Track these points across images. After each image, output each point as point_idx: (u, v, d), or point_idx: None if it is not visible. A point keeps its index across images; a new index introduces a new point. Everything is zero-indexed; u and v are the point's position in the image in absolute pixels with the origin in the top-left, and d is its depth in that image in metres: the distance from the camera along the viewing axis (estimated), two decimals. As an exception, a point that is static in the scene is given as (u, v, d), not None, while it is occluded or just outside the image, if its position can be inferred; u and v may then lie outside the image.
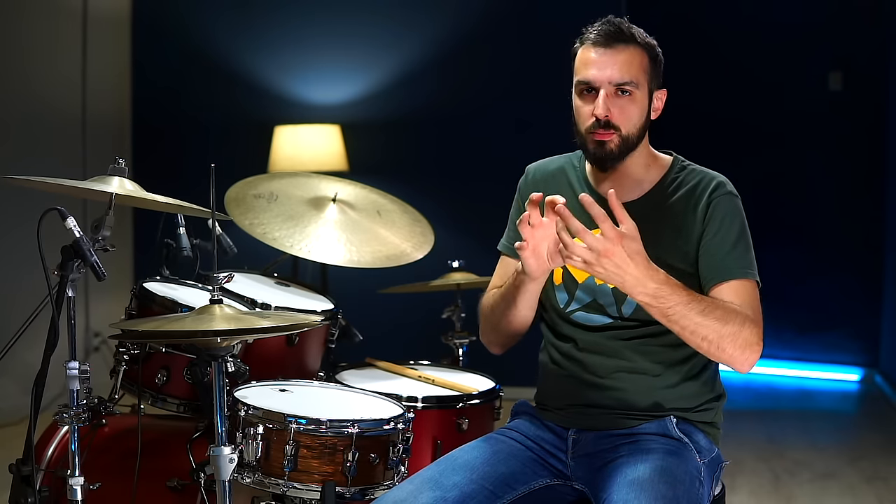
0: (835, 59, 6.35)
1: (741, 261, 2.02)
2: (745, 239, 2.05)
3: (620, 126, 2.02)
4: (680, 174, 2.12)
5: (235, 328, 1.89)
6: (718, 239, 2.03)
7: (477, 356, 2.96)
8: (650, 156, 2.13)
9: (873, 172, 6.29)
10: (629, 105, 2.03)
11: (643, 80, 2.04)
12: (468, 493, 1.93)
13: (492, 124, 5.46)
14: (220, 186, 2.16)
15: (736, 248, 2.03)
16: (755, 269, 2.04)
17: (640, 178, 2.11)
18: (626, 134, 2.03)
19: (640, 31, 2.06)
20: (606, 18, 2.06)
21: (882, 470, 4.36)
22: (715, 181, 2.09)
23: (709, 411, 2.11)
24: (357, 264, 2.77)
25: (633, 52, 2.03)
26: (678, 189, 2.10)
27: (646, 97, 2.05)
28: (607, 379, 2.08)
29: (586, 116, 2.04)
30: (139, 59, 5.78)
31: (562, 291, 2.14)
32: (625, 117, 2.02)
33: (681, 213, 2.07)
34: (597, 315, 2.10)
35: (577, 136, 2.08)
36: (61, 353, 2.01)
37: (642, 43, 2.05)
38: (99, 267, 1.98)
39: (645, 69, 2.04)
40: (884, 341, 6.20)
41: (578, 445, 2.08)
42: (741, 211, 2.08)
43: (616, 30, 2.03)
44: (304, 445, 2.08)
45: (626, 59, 2.02)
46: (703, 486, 1.97)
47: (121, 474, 2.26)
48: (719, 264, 2.01)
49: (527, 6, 5.50)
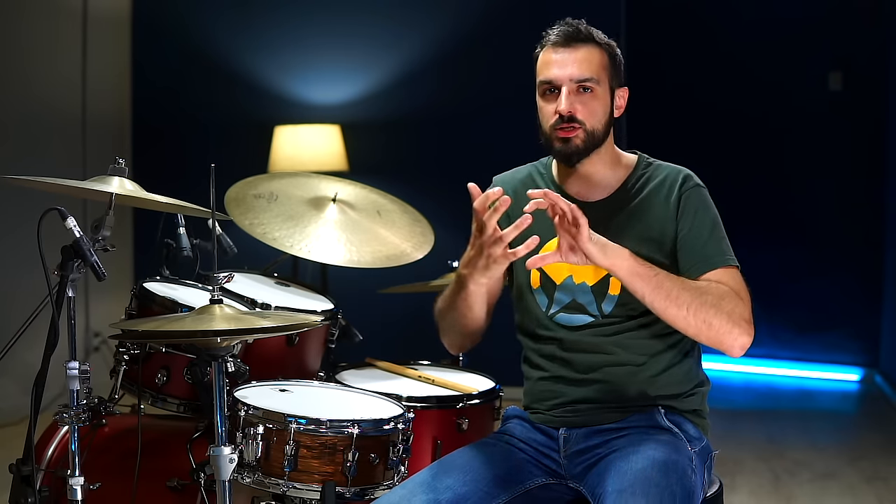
0: (835, 59, 6.35)
1: (719, 249, 2.06)
2: (718, 228, 2.09)
3: (585, 121, 2.06)
4: (646, 171, 2.16)
5: (235, 328, 1.89)
6: (695, 232, 2.07)
7: (477, 356, 2.95)
8: (615, 155, 2.17)
9: (873, 172, 6.29)
10: (591, 101, 2.07)
11: (603, 76, 2.09)
12: (462, 494, 1.94)
13: (492, 124, 5.45)
14: (220, 186, 2.16)
15: (712, 238, 2.07)
16: (733, 254, 2.07)
17: (607, 178, 2.15)
18: (591, 129, 2.07)
19: (598, 32, 2.11)
20: (565, 21, 2.12)
21: (882, 470, 4.36)
22: (682, 175, 2.13)
23: (694, 397, 2.13)
24: (357, 264, 2.77)
25: (591, 50, 2.08)
26: (646, 185, 2.13)
27: (607, 94, 2.10)
28: (592, 374, 2.10)
29: (550, 115, 2.08)
30: (139, 59, 5.78)
31: (541, 294, 2.16)
32: (588, 112, 2.06)
33: (650, 207, 2.10)
34: (578, 315, 2.12)
35: (541, 136, 2.12)
36: (61, 353, 2.01)
37: (601, 42, 2.10)
38: (99, 267, 1.98)
39: (605, 66, 2.09)
40: (884, 341, 6.20)
41: (570, 444, 2.09)
42: (710, 201, 2.12)
43: (574, 30, 2.09)
44: (304, 445, 2.08)
45: (586, 57, 2.07)
46: (696, 475, 1.98)
47: (121, 474, 2.26)
48: (699, 256, 2.05)
49: (527, 6, 5.49)
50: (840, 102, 6.35)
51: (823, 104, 6.39)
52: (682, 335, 2.09)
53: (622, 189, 2.14)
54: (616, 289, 2.08)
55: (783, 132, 6.50)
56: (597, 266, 1.99)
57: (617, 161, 2.16)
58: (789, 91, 6.45)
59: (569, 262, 1.97)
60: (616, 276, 1.98)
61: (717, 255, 2.05)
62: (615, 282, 2.08)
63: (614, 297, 2.09)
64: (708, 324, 1.96)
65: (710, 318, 1.95)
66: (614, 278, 2.06)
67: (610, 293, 2.09)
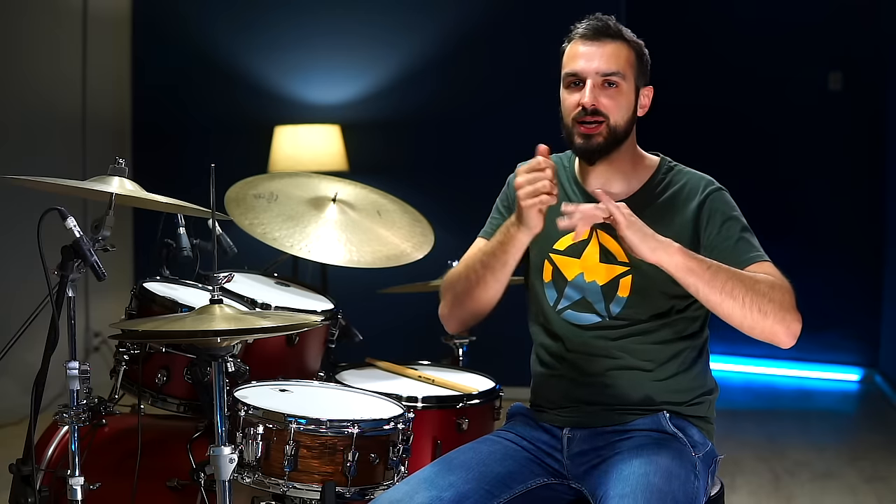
0: (835, 59, 6.35)
1: (750, 246, 2.05)
2: (747, 228, 2.08)
3: (609, 114, 2.04)
4: (668, 174, 2.14)
5: (235, 328, 1.90)
6: (724, 233, 2.05)
7: (477, 356, 2.96)
8: (637, 155, 2.15)
9: (873, 172, 6.29)
10: (616, 95, 2.05)
11: (629, 73, 2.07)
12: (464, 492, 1.94)
13: (492, 124, 5.46)
14: (220, 186, 2.16)
15: (742, 237, 2.06)
16: (763, 250, 2.06)
17: (628, 177, 2.13)
18: (614, 124, 2.05)
19: (627, 30, 2.10)
20: (594, 15, 2.10)
21: (882, 470, 4.36)
22: (703, 182, 2.12)
23: (701, 405, 2.12)
24: (357, 264, 2.77)
25: (619, 46, 2.07)
26: (666, 189, 2.12)
27: (632, 91, 2.08)
28: (598, 378, 2.09)
29: (572, 106, 2.06)
30: (139, 59, 5.78)
31: (551, 289, 2.15)
32: (612, 106, 2.05)
33: (670, 211, 2.09)
34: (585, 314, 2.11)
35: (563, 129, 2.10)
36: (61, 353, 2.01)
37: (629, 39, 2.09)
38: (99, 267, 1.98)
39: (631, 63, 2.08)
40: (884, 341, 6.20)
41: (573, 444, 2.09)
42: (733, 202, 2.11)
43: (603, 25, 2.07)
44: (304, 445, 2.08)
45: (613, 52, 2.06)
46: (699, 481, 1.98)
47: (121, 474, 2.26)
48: (731, 255, 2.03)
49: (527, 6, 5.50)
50: (840, 102, 6.35)
51: (823, 104, 6.39)
52: (688, 343, 2.10)
53: (643, 190, 2.12)
54: (626, 291, 2.07)
55: (783, 132, 6.50)
56: (641, 257, 1.94)
57: (638, 161, 2.14)
58: (789, 91, 6.45)
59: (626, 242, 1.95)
60: (666, 271, 1.94)
61: (751, 252, 2.04)
62: (625, 283, 2.07)
63: (623, 298, 2.07)
64: (763, 313, 1.92)
65: (765, 306, 1.92)
66: (624, 280, 2.06)
67: (619, 294, 2.08)
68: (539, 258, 2.15)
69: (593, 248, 2.10)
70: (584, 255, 2.11)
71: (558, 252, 2.13)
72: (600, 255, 2.09)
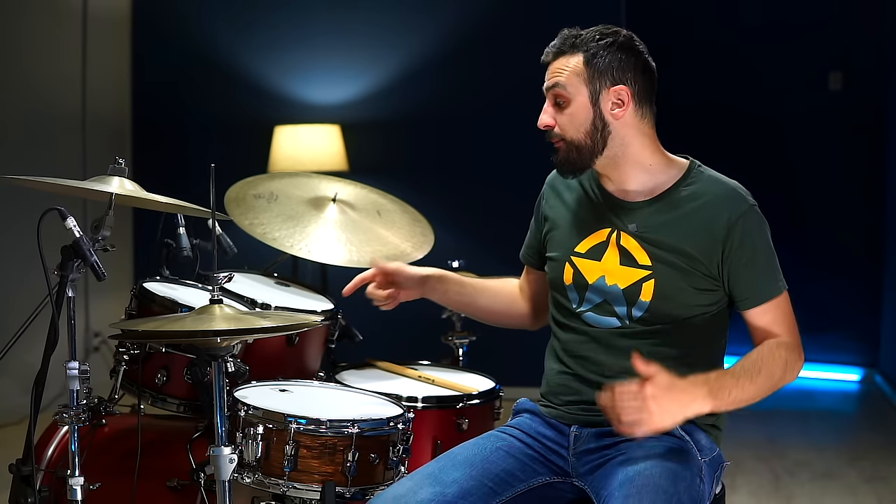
0: (835, 59, 6.34)
1: (771, 278, 2.06)
2: (772, 253, 2.07)
3: (563, 132, 2.06)
4: (695, 179, 2.09)
5: (235, 328, 1.90)
6: (751, 262, 2.04)
7: (477, 356, 2.96)
8: (654, 159, 2.10)
9: (873, 172, 6.29)
10: (565, 111, 2.06)
11: (576, 82, 2.04)
12: (467, 489, 1.94)
13: (492, 124, 5.46)
14: (220, 186, 2.16)
15: (768, 266, 2.06)
16: (782, 274, 2.07)
17: (647, 177, 2.09)
18: (570, 139, 2.05)
19: (588, 34, 2.06)
20: (561, 31, 2.09)
21: (882, 470, 4.36)
22: (735, 196, 2.07)
23: (712, 413, 2.10)
24: (357, 264, 2.77)
25: (565, 59, 2.06)
26: (693, 198, 2.07)
27: (587, 100, 2.04)
28: (612, 378, 2.08)
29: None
30: (139, 58, 5.78)
31: (573, 291, 2.14)
32: (565, 122, 2.06)
33: (694, 220, 2.05)
34: (606, 317, 2.09)
35: None
36: (61, 353, 2.01)
37: (580, 46, 2.05)
38: (99, 267, 1.98)
39: (577, 72, 2.04)
40: (884, 342, 6.20)
41: (580, 442, 2.08)
42: (764, 221, 2.07)
43: (558, 41, 2.08)
44: (304, 445, 2.08)
45: (557, 67, 2.07)
46: (704, 484, 1.97)
47: (121, 474, 2.26)
48: (754, 287, 2.04)
49: (526, 6, 5.50)
50: (840, 102, 6.35)
51: (823, 104, 6.38)
52: (708, 349, 2.09)
53: (667, 194, 2.08)
54: (648, 295, 2.05)
55: (783, 132, 6.49)
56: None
57: (658, 164, 2.10)
58: (789, 91, 6.45)
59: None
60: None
61: (769, 286, 2.04)
62: (647, 288, 2.05)
63: (645, 303, 2.05)
64: (776, 388, 2.01)
65: (777, 384, 2.00)
66: (647, 284, 2.04)
67: (641, 299, 2.05)
68: (561, 260, 2.15)
69: (612, 251, 2.08)
70: (605, 258, 2.09)
71: (580, 255, 2.12)
72: (620, 258, 2.07)
